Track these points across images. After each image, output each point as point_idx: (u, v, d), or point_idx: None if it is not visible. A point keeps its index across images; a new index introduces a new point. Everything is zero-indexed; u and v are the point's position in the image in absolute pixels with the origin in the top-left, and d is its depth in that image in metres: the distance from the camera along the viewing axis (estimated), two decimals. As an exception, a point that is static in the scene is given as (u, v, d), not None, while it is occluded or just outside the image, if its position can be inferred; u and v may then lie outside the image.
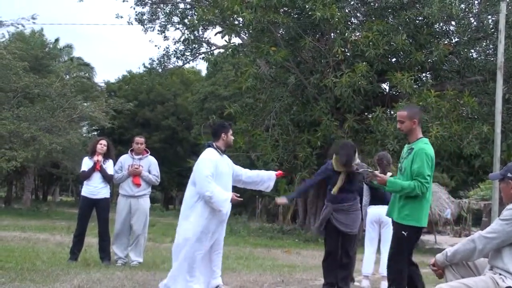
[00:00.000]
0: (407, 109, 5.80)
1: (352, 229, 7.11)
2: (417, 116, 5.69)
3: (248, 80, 18.62)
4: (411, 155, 5.55)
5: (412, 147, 5.60)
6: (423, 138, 5.71)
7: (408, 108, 5.89)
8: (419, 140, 5.64)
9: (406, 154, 5.63)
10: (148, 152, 9.31)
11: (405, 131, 5.71)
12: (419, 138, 5.66)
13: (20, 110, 25.05)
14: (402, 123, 5.66)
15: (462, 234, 32.17)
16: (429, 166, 5.49)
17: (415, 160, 5.48)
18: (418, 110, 5.91)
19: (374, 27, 17.72)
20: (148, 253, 10.34)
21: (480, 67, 19.20)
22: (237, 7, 17.55)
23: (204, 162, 6.18)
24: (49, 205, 37.04)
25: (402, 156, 5.71)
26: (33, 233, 15.04)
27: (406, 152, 5.66)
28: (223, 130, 6.42)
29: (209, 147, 6.38)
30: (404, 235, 5.54)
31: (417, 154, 5.50)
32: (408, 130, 5.66)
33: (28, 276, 7.06)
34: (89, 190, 8.96)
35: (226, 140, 6.40)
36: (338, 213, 7.08)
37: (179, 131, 45.14)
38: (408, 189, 5.43)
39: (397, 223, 5.60)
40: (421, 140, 5.65)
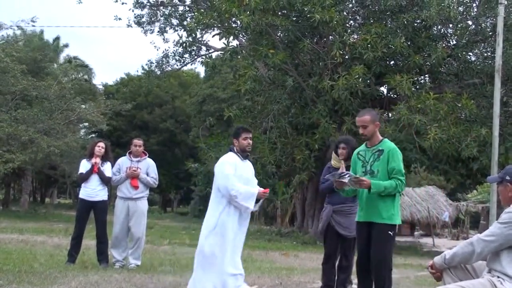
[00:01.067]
0: (368, 114, 5.75)
1: (352, 232, 7.08)
2: (377, 118, 5.73)
3: (246, 83, 18.62)
4: (383, 156, 5.54)
5: (379, 149, 5.59)
6: (385, 138, 5.73)
7: (368, 112, 5.83)
8: (383, 141, 5.65)
9: (375, 156, 5.59)
10: (146, 155, 9.29)
11: (368, 136, 5.66)
12: (381, 139, 5.68)
13: (18, 112, 25.03)
14: (366, 128, 5.62)
15: (460, 237, 32.18)
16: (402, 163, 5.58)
17: (391, 159, 5.50)
18: (376, 112, 5.98)
19: (373, 29, 17.73)
20: (146, 256, 10.33)
21: (478, 70, 19.23)
22: (235, 10, 17.56)
23: (222, 165, 6.19)
24: (47, 208, 37.05)
25: (367, 160, 5.64)
26: (31, 235, 15.02)
27: (373, 154, 5.61)
28: (234, 135, 6.44)
29: (230, 151, 6.39)
30: (391, 235, 5.57)
31: (391, 153, 5.53)
32: (371, 134, 5.64)
33: (26, 279, 7.05)
34: (86, 193, 8.95)
35: (239, 145, 6.34)
36: (338, 215, 7.07)
37: (177, 134, 45.18)
38: (391, 188, 5.45)
39: (385, 224, 5.54)
40: (385, 141, 5.68)
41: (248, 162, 6.47)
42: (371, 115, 5.70)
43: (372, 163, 5.60)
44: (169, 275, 8.23)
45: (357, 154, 5.81)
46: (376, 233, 5.53)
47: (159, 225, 25.47)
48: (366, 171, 5.60)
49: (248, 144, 6.36)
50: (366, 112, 5.85)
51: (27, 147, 24.26)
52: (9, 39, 31.92)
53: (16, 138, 24.03)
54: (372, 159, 5.60)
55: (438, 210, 35.12)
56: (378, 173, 5.54)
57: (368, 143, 5.71)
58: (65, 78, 30.79)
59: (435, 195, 36.57)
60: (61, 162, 29.16)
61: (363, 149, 5.76)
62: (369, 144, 5.70)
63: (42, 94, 26.22)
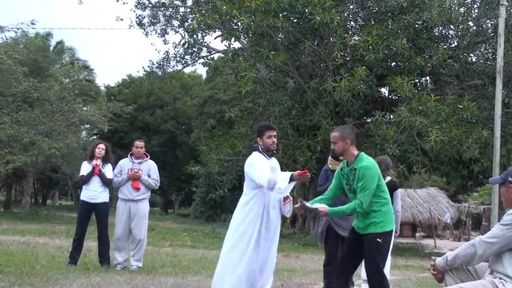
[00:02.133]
0: (338, 131, 5.73)
1: None
2: (350, 137, 5.64)
3: (247, 84, 18.62)
4: (356, 174, 5.51)
5: (354, 167, 5.55)
6: (361, 153, 5.65)
7: (340, 129, 5.80)
8: (358, 159, 5.60)
9: (352, 175, 5.57)
10: (147, 156, 9.29)
11: (338, 152, 5.65)
12: (356, 155, 5.61)
13: (19, 114, 25.06)
14: (335, 144, 5.62)
15: (462, 238, 32.16)
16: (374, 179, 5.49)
17: (360, 177, 5.47)
18: (350, 130, 5.84)
19: (374, 31, 17.74)
20: (147, 257, 10.33)
21: (479, 71, 19.23)
22: (236, 12, 17.57)
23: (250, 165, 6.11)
24: (48, 209, 37.03)
25: (349, 178, 5.61)
26: (32, 237, 15.02)
27: (351, 173, 5.59)
28: (258, 134, 6.32)
29: (255, 150, 6.28)
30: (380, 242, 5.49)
31: (361, 172, 5.48)
32: (341, 150, 5.61)
33: (27, 280, 7.05)
34: (88, 194, 8.96)
35: (263, 144, 6.22)
36: (340, 218, 7.07)
37: (178, 135, 45.18)
38: (349, 210, 5.47)
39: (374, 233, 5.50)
40: (360, 158, 5.61)
41: (274, 160, 6.38)
42: (340, 132, 5.65)
43: (352, 182, 5.57)
44: (171, 277, 8.22)
45: (341, 170, 5.75)
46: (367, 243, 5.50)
47: (160, 226, 25.48)
48: (350, 189, 5.59)
49: (273, 142, 6.23)
50: (338, 128, 5.83)
51: (28, 149, 24.27)
52: (10, 41, 31.99)
53: (17, 140, 24.04)
54: (351, 177, 5.58)
55: (439, 212, 35.11)
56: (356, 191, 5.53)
57: (347, 161, 5.67)
58: (67, 80, 30.79)
59: (437, 196, 36.57)
60: (62, 164, 29.15)
61: (344, 166, 5.71)
62: (348, 162, 5.66)
63: (43, 95, 26.24)
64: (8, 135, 23.42)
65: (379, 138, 17.47)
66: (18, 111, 25.63)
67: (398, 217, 8.26)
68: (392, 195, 8.20)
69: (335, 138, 5.62)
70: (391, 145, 16.87)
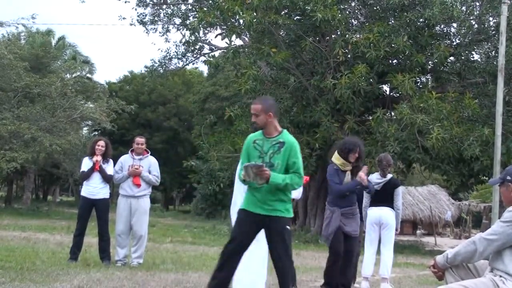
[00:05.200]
0: (261, 102, 5.45)
1: (356, 231, 7.16)
2: (273, 109, 5.42)
3: (247, 82, 18.61)
4: (284, 149, 5.29)
5: (280, 141, 5.33)
6: (285, 130, 5.48)
7: (261, 100, 5.52)
8: (283, 133, 5.41)
9: (275, 148, 5.32)
10: (148, 153, 9.30)
11: (260, 125, 5.39)
12: (281, 130, 5.42)
13: (21, 110, 25.03)
14: (257, 117, 5.36)
15: (462, 236, 32.17)
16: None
17: (292, 154, 5.28)
18: (273, 102, 5.60)
19: (375, 28, 17.73)
20: (148, 254, 10.34)
21: (481, 69, 19.21)
22: (238, 8, 17.56)
23: None
24: (49, 205, 37.06)
25: (265, 151, 5.34)
26: (33, 233, 15.04)
27: (273, 146, 5.33)
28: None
29: None
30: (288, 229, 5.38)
31: (293, 148, 5.31)
32: (263, 123, 5.37)
33: (28, 276, 7.06)
34: (88, 190, 8.98)
35: None
36: (344, 217, 7.08)
37: (180, 132, 45.17)
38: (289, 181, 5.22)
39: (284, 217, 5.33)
40: (285, 133, 5.43)
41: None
42: (263, 104, 5.41)
43: (271, 155, 5.32)
44: (171, 273, 8.23)
45: (253, 142, 5.46)
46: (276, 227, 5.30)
47: (161, 223, 25.49)
48: (264, 162, 5.28)
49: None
50: (259, 100, 5.56)
51: (30, 145, 24.26)
52: (11, 37, 31.98)
53: (18, 136, 24.04)
54: (272, 150, 5.33)
55: (440, 209, 35.11)
56: (278, 166, 5.29)
57: (266, 133, 5.41)
58: (68, 76, 30.76)
59: (438, 194, 36.55)
60: (63, 160, 29.17)
61: (260, 138, 5.44)
62: (267, 134, 5.41)
63: (44, 91, 26.22)
64: (9, 131, 23.40)
65: (380, 135, 17.47)
66: (19, 107, 25.62)
67: (398, 214, 8.28)
68: (393, 193, 8.22)
69: (258, 110, 5.37)
70: (392, 143, 16.87)
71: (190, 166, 22.66)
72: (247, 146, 5.47)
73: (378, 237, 8.26)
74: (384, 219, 8.13)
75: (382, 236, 8.22)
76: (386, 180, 8.16)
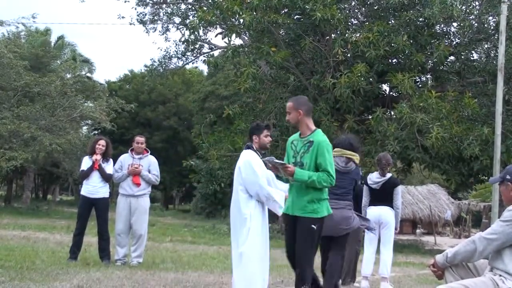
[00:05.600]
0: (293, 100, 5.56)
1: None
2: (304, 107, 5.48)
3: (247, 82, 18.60)
4: (312, 148, 5.36)
5: (310, 140, 5.40)
6: (318, 129, 5.53)
7: (294, 99, 5.64)
8: (315, 132, 5.47)
9: (305, 148, 5.40)
10: (148, 152, 9.32)
11: (292, 122, 5.51)
12: (314, 130, 5.49)
13: (20, 109, 25.03)
14: (289, 114, 5.48)
15: (462, 235, 32.17)
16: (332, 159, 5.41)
17: (319, 154, 5.33)
18: (304, 100, 5.64)
19: (375, 28, 17.71)
20: (147, 253, 10.35)
21: (480, 68, 19.20)
22: (237, 8, 17.55)
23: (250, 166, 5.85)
24: (49, 204, 37.07)
25: (297, 150, 5.44)
26: (33, 232, 15.05)
27: (304, 146, 5.42)
28: (254, 132, 6.10)
29: (248, 148, 6.08)
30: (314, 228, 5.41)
31: (320, 147, 5.35)
32: (295, 121, 5.47)
33: (27, 275, 7.06)
34: (88, 190, 8.99)
35: (259, 142, 6.03)
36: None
37: (180, 131, 45.18)
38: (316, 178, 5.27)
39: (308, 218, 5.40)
40: (317, 132, 5.48)
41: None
42: (295, 102, 5.50)
43: (302, 155, 5.42)
44: (171, 272, 8.24)
45: (291, 143, 5.58)
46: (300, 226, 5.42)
47: (161, 222, 25.51)
48: (295, 162, 5.42)
49: (270, 141, 6.10)
50: (292, 99, 5.67)
51: (29, 145, 24.26)
52: (11, 36, 31.96)
53: (18, 135, 24.03)
54: (303, 150, 5.42)
55: (440, 209, 35.10)
56: (307, 166, 5.36)
57: (301, 133, 5.52)
58: (68, 75, 30.74)
59: (437, 193, 36.55)
60: (63, 159, 29.16)
61: (296, 139, 5.55)
62: (301, 134, 5.51)
63: (44, 90, 26.22)
64: (9, 130, 23.40)
65: (379, 134, 17.46)
66: (19, 106, 25.61)
67: (398, 213, 8.28)
68: (393, 192, 8.23)
69: (289, 108, 5.49)
70: (391, 142, 16.87)
71: (190, 165, 22.68)
72: (287, 146, 5.66)
73: (378, 236, 8.26)
74: (384, 218, 8.14)
75: (382, 236, 8.23)
76: (385, 179, 8.17)
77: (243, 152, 6.05)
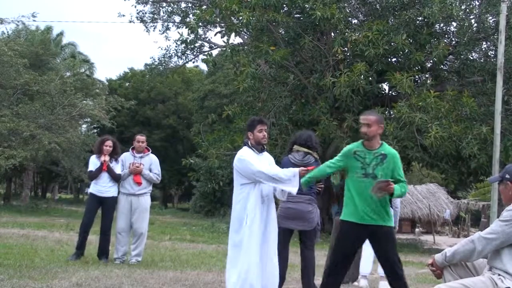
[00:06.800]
0: (374, 114, 5.65)
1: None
2: (383, 122, 5.64)
3: (245, 81, 18.59)
4: (387, 161, 5.47)
5: (382, 153, 5.50)
6: (384, 142, 5.66)
7: (374, 113, 5.77)
8: (384, 145, 5.59)
9: (377, 160, 5.48)
10: (149, 150, 9.33)
11: (369, 136, 5.51)
12: (381, 143, 5.59)
13: (20, 107, 25.02)
14: (369, 127, 5.48)
15: (461, 234, 32.20)
16: None
17: (396, 166, 5.49)
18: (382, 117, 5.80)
19: (374, 27, 17.71)
20: (146, 251, 10.33)
21: (480, 67, 19.20)
22: (235, 7, 17.53)
23: (241, 161, 5.91)
24: (48, 202, 37.07)
25: (367, 162, 5.49)
26: (32, 230, 15.04)
27: (375, 158, 5.49)
28: (249, 128, 6.17)
29: (245, 145, 6.13)
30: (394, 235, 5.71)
31: (396, 160, 5.53)
32: (373, 135, 5.51)
33: (26, 273, 7.06)
34: (97, 188, 9.02)
35: (254, 138, 6.09)
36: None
37: (180, 130, 45.19)
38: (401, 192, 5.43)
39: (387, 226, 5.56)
40: (386, 145, 5.61)
41: (266, 155, 6.26)
42: (377, 116, 5.60)
43: (374, 167, 5.46)
44: (170, 271, 8.24)
45: (354, 153, 5.59)
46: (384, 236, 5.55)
47: (160, 220, 25.51)
48: (366, 173, 5.47)
49: (264, 136, 6.11)
50: (372, 112, 5.80)
51: (29, 143, 24.25)
52: (10, 33, 31.96)
53: (17, 134, 24.02)
54: (375, 162, 5.47)
55: (439, 208, 35.15)
56: (381, 178, 5.43)
57: (367, 145, 5.56)
58: (67, 73, 30.74)
59: (436, 192, 36.60)
60: (62, 157, 29.15)
61: (361, 149, 5.57)
62: (368, 146, 5.55)
63: (43, 88, 26.20)
64: (8, 129, 23.39)
65: (378, 134, 17.44)
66: (18, 104, 25.60)
67: (397, 213, 8.28)
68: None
69: (371, 121, 5.50)
70: (390, 141, 16.85)
71: (189, 164, 22.68)
72: (346, 155, 5.62)
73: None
74: (383, 218, 8.13)
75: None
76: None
77: (241, 149, 6.13)
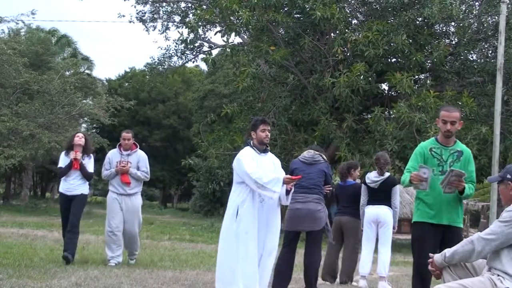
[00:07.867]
0: (458, 111, 5.47)
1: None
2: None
3: (245, 80, 18.58)
4: (463, 158, 5.37)
5: (458, 150, 5.39)
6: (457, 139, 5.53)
7: (457, 109, 5.54)
8: (458, 143, 5.48)
9: (454, 157, 5.36)
10: (137, 146, 8.94)
11: (453, 133, 5.38)
12: (456, 140, 5.48)
13: (19, 106, 25.01)
14: (454, 124, 5.34)
15: (460, 235, 32.12)
16: None
17: (471, 164, 5.42)
18: None
19: (374, 27, 17.70)
20: (145, 251, 10.34)
21: (480, 68, 19.20)
22: (236, 6, 17.52)
23: (238, 161, 5.95)
24: (47, 202, 37.05)
25: (444, 159, 5.36)
26: (31, 230, 15.04)
27: (452, 155, 5.37)
28: (252, 128, 6.18)
29: (247, 145, 6.15)
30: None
31: (470, 157, 5.45)
32: (455, 132, 5.41)
33: (25, 273, 7.06)
34: (66, 187, 8.62)
35: (256, 138, 6.10)
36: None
37: (180, 130, 45.16)
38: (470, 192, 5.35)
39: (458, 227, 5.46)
40: (459, 142, 5.50)
41: (269, 155, 6.24)
42: (460, 112, 5.48)
43: (451, 164, 5.33)
44: (169, 271, 8.24)
45: (430, 150, 5.41)
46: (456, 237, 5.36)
47: (159, 220, 25.53)
48: (443, 170, 5.32)
49: (266, 136, 6.09)
50: (456, 109, 5.57)
51: (28, 142, 24.23)
52: (10, 32, 31.93)
53: (17, 133, 24.01)
54: (451, 159, 5.36)
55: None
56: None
57: (443, 141, 5.41)
58: (67, 73, 30.71)
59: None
60: (62, 158, 29.09)
61: (437, 146, 5.42)
62: (445, 143, 5.40)
63: (43, 88, 26.18)
64: (8, 128, 23.37)
65: (378, 134, 17.45)
66: (17, 103, 25.59)
67: (396, 213, 8.29)
68: (391, 191, 8.23)
69: (458, 118, 5.38)
70: (390, 141, 16.87)
71: (189, 164, 22.68)
72: (422, 152, 5.47)
73: (376, 235, 8.27)
74: (382, 218, 8.14)
75: (380, 235, 8.23)
76: (383, 178, 8.18)
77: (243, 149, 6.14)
